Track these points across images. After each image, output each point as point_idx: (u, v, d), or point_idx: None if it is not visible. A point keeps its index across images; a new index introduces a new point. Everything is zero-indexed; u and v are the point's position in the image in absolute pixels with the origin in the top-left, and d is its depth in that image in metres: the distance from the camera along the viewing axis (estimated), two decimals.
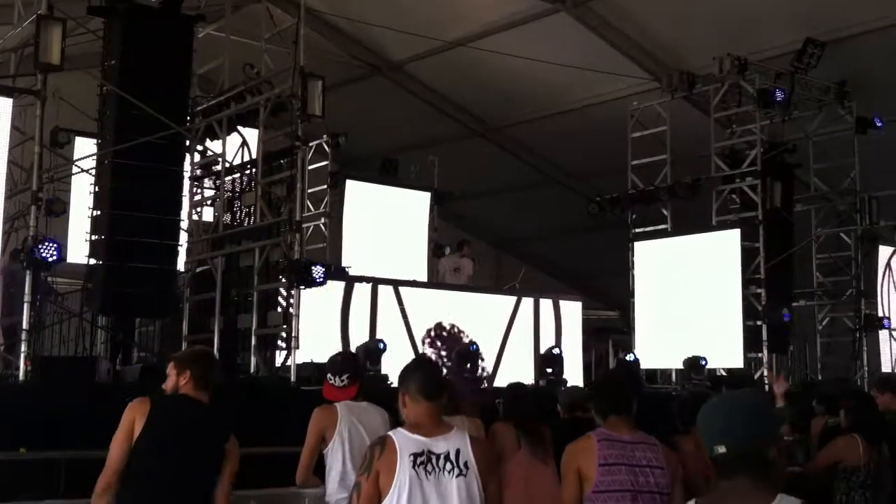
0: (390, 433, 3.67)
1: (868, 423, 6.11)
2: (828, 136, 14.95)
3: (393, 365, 11.50)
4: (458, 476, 3.54)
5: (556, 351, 12.58)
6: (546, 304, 13.80)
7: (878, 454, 6.06)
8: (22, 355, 8.58)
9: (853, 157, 14.69)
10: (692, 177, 14.08)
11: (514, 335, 13.34)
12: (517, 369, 12.45)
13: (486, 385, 11.82)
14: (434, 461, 3.54)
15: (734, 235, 13.47)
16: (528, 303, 13.69)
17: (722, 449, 2.39)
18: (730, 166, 14.05)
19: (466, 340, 12.30)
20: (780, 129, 14.55)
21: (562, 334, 13.67)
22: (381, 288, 12.28)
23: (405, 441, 3.56)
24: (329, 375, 5.32)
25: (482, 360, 11.94)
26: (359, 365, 5.65)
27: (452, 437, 3.63)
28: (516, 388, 6.58)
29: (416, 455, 3.52)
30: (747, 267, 13.29)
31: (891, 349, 14.64)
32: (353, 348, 10.86)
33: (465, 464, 3.57)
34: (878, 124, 14.33)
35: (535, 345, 13.41)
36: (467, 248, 14.88)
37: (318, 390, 8.52)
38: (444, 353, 12.16)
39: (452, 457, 3.57)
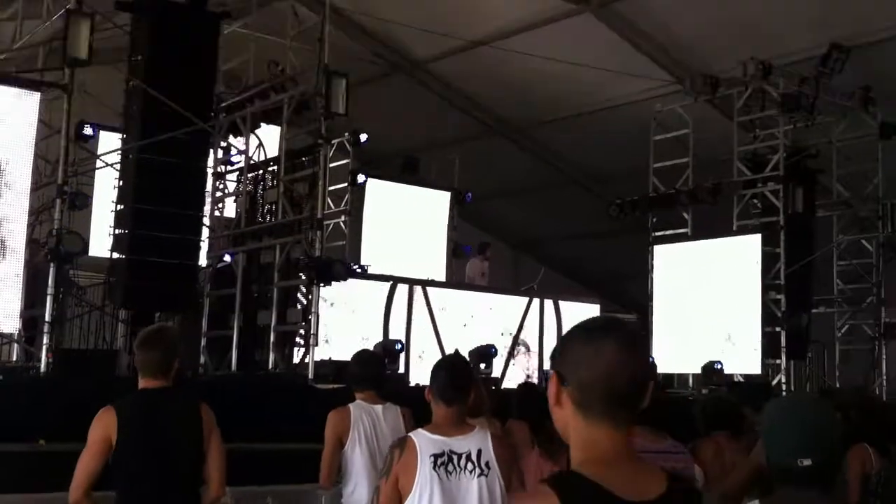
0: (411, 434, 3.70)
1: (870, 431, 6.07)
2: (851, 141, 14.83)
3: (417, 363, 11.65)
4: (479, 476, 3.56)
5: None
6: (549, 305, 13.87)
7: (890, 462, 6.02)
8: (44, 348, 8.69)
9: (876, 164, 14.58)
10: (714, 181, 14.03)
11: (524, 336, 13.42)
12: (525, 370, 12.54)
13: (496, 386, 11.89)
14: (455, 461, 3.57)
15: (755, 240, 13.40)
16: (546, 305, 13.78)
17: (807, 461, 2.36)
18: (752, 171, 13.98)
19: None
20: (803, 133, 14.46)
21: (562, 335, 13.64)
22: (404, 287, 12.42)
23: (425, 442, 3.59)
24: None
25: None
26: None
27: (474, 436, 3.66)
28: (528, 388, 6.59)
29: (436, 456, 3.55)
30: (767, 272, 13.23)
31: None
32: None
33: (487, 463, 3.60)
34: None
35: (539, 346, 13.47)
36: (489, 251, 14.94)
37: (336, 388, 8.64)
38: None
39: (474, 457, 3.62)
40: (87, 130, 11.63)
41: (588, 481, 1.84)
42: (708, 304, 13.55)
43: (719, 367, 12.39)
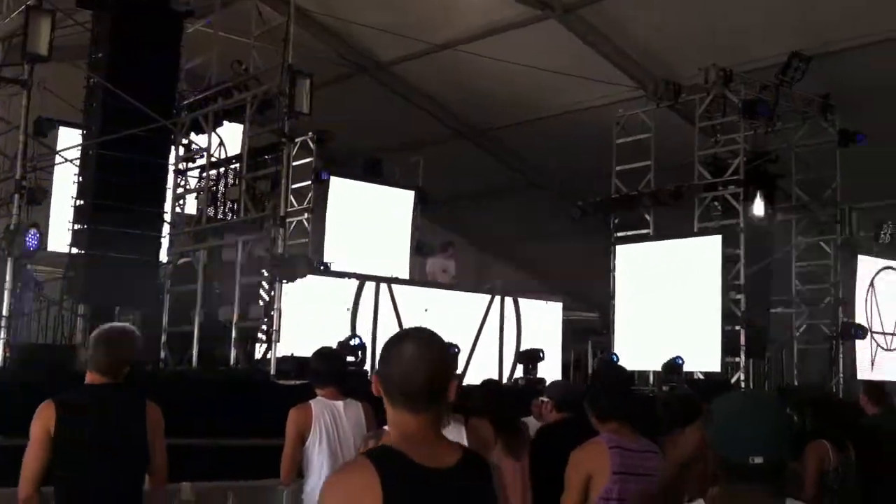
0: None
1: (828, 428, 6.14)
2: (810, 147, 15.04)
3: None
4: None
5: (537, 350, 12.67)
6: (523, 304, 13.98)
7: (846, 458, 6.10)
8: (0, 342, 8.59)
9: (835, 169, 14.78)
10: (675, 184, 14.16)
11: (484, 334, 13.53)
12: (487, 368, 12.58)
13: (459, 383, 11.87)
14: None
15: (716, 241, 13.53)
16: (506, 302, 13.88)
17: (759, 460, 2.36)
18: (713, 174, 14.12)
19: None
20: (763, 139, 14.65)
21: (521, 333, 13.78)
22: (369, 285, 12.46)
23: None
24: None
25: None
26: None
27: (449, 430, 3.73)
28: (491, 384, 6.61)
29: None
30: (727, 273, 13.38)
31: (871, 354, 14.71)
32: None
33: None
34: (860, 139, 14.41)
35: (500, 344, 13.57)
36: (452, 249, 14.98)
37: (298, 385, 8.62)
38: None
39: None
40: (46, 126, 11.50)
41: (396, 452, 2.31)
42: (669, 304, 13.66)
43: (681, 362, 12.50)
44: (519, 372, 12.94)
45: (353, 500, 2.25)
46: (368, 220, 14.99)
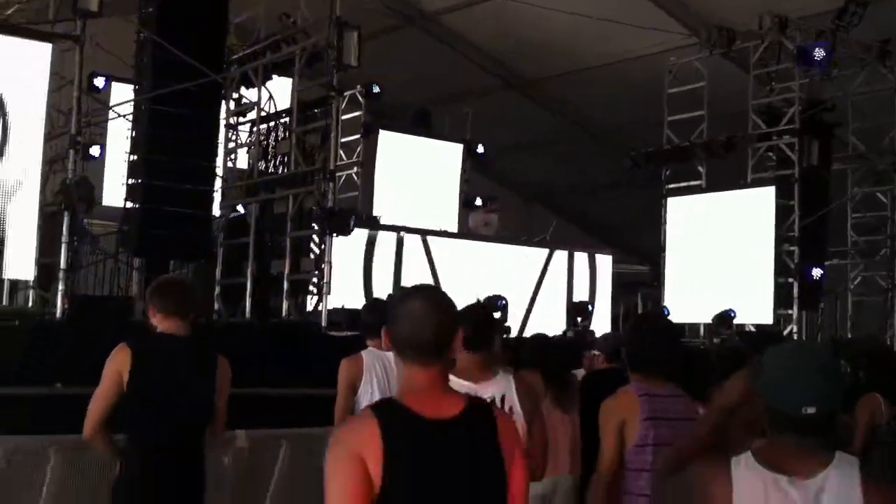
0: None
1: (882, 381, 6.06)
2: (867, 95, 14.68)
3: None
4: None
5: (586, 302, 12.65)
6: (581, 258, 13.88)
7: None
8: (59, 293, 8.78)
9: (893, 117, 14.43)
10: (728, 134, 13.94)
11: (545, 288, 13.47)
12: (547, 322, 12.56)
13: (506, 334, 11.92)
14: None
15: (769, 193, 13.32)
16: (560, 256, 13.81)
17: (811, 410, 2.33)
18: (767, 124, 13.85)
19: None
20: (819, 87, 14.32)
21: (596, 289, 13.74)
22: (409, 238, 12.50)
23: (455, 386, 3.68)
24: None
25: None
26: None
27: (497, 382, 3.78)
28: (539, 338, 6.65)
29: None
30: (782, 224, 13.19)
31: None
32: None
33: (510, 409, 3.70)
34: None
35: (568, 298, 13.52)
36: (495, 204, 14.97)
37: (349, 336, 8.73)
38: None
39: (498, 401, 3.74)
40: (99, 81, 11.60)
41: (400, 406, 2.40)
42: (721, 256, 13.51)
43: (733, 314, 12.40)
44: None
45: (354, 452, 2.30)
46: (417, 174, 14.99)
